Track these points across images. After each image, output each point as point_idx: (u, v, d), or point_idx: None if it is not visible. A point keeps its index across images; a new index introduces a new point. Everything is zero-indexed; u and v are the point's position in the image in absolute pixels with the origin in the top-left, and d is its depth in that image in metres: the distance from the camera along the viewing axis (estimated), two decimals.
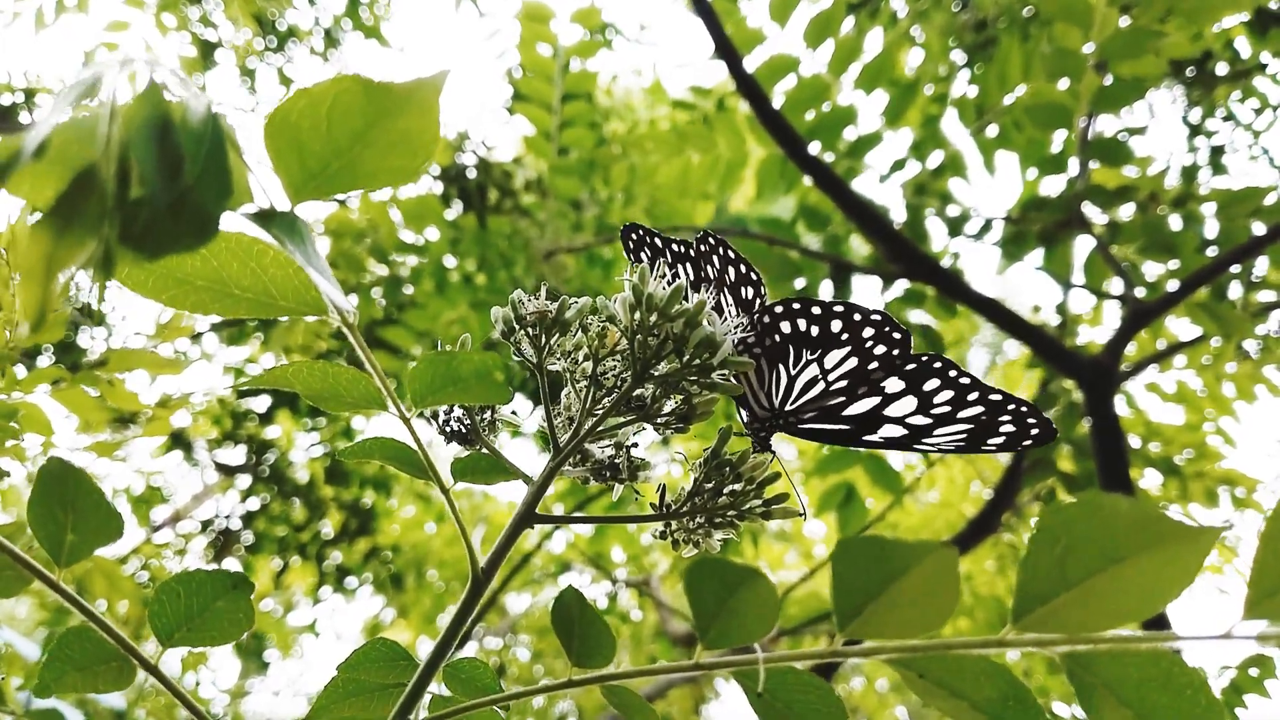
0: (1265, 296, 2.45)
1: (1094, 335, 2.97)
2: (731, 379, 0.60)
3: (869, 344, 0.64)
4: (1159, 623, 1.85)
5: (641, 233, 0.71)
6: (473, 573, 0.61)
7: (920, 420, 0.65)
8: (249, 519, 3.67)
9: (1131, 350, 2.85)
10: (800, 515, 0.62)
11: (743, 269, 0.70)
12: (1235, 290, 2.40)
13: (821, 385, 0.66)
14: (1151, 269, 2.41)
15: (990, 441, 0.63)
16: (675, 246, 0.70)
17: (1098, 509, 0.40)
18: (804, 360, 0.66)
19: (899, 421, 0.65)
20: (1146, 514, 0.39)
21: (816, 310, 0.64)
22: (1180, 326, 2.81)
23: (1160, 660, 0.43)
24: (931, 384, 0.63)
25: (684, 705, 5.64)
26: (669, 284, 0.67)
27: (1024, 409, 0.62)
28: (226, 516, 3.81)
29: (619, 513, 0.68)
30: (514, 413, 0.71)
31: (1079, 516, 0.40)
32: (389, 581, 4.01)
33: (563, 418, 0.68)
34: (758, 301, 0.69)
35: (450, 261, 3.17)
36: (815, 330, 0.64)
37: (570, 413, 0.67)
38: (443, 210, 3.20)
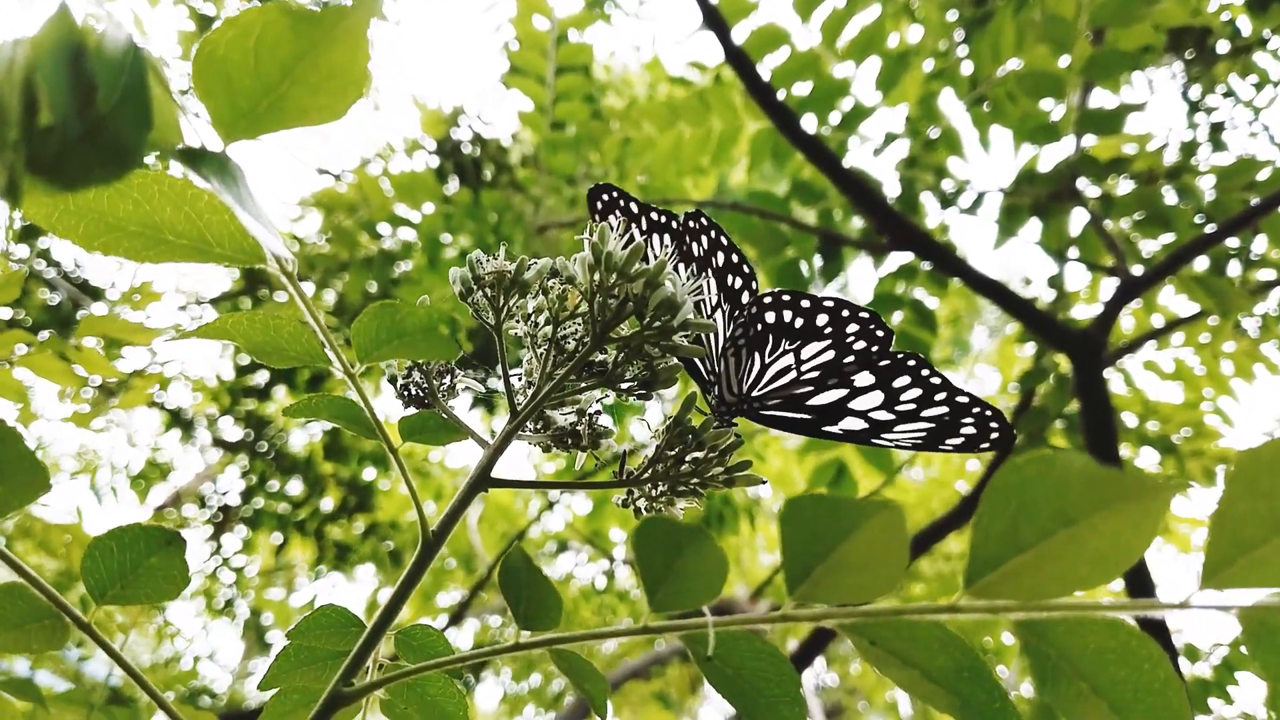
0: (1265, 275, 2.42)
1: (1091, 311, 2.95)
2: (692, 342, 0.58)
3: (850, 339, 0.63)
4: (1142, 587, 1.83)
5: (615, 194, 0.68)
6: (423, 536, 0.59)
7: (882, 415, 0.64)
8: (248, 495, 3.66)
9: (1130, 327, 2.83)
10: (762, 483, 0.61)
11: (734, 258, 0.68)
12: (1234, 268, 2.37)
13: (793, 374, 0.65)
14: (1149, 246, 2.38)
15: (949, 441, 0.63)
16: (654, 215, 0.68)
17: (1050, 467, 0.38)
18: (781, 349, 0.65)
19: (861, 415, 0.65)
20: (1099, 471, 0.37)
21: (806, 304, 0.63)
22: (1179, 304, 2.78)
23: (1118, 632, 0.41)
24: (902, 381, 0.63)
25: (681, 685, 5.64)
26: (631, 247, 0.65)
27: (988, 413, 0.62)
28: (224, 493, 3.81)
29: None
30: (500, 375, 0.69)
31: (1031, 476, 0.38)
32: (388, 558, 4.01)
33: (524, 381, 0.66)
34: (745, 294, 0.67)
35: (445, 238, 3.15)
36: (800, 322, 0.64)
37: (532, 376, 0.65)
38: (437, 185, 3.17)
